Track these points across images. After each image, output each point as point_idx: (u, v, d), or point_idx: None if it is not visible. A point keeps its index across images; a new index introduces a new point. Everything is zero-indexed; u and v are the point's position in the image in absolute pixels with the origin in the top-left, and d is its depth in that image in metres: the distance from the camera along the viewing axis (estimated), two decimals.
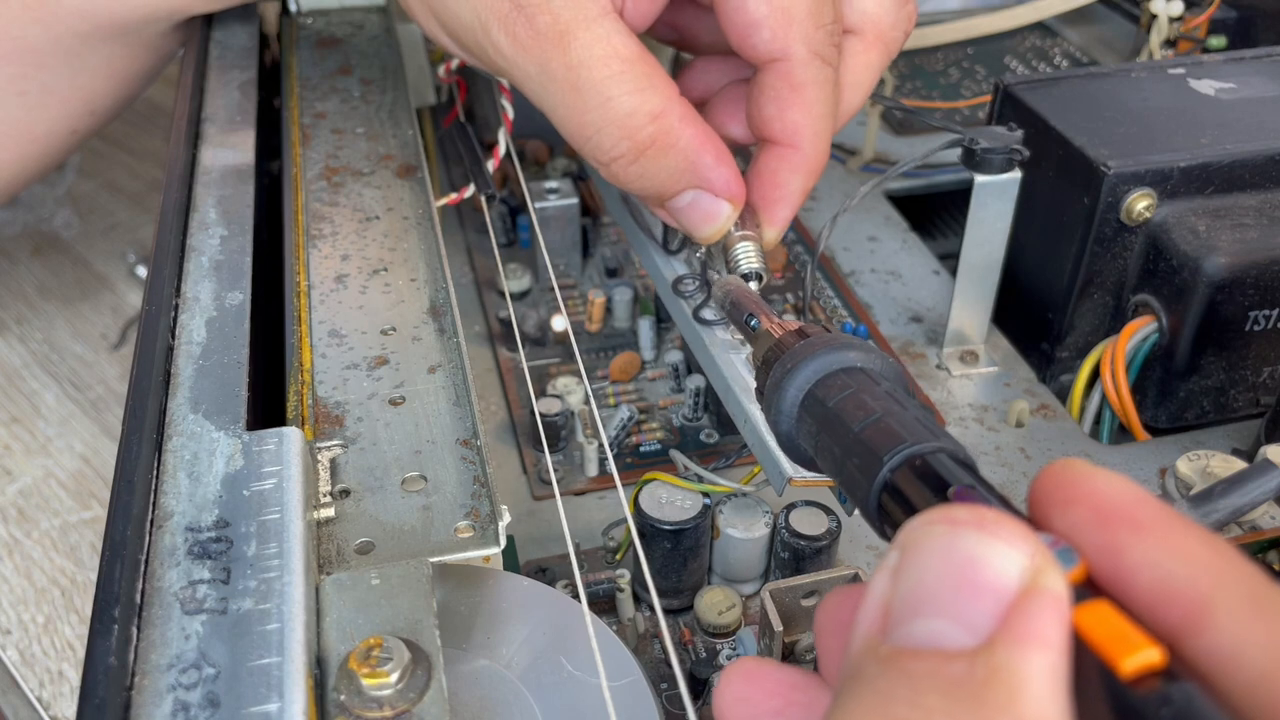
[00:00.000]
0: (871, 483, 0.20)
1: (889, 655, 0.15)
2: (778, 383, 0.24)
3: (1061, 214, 0.43)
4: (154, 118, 0.79)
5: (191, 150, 0.41)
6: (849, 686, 0.15)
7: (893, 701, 0.15)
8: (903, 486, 0.19)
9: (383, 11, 0.54)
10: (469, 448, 0.30)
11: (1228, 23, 0.61)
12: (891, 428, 0.20)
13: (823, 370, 0.23)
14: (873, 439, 0.20)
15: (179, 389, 0.30)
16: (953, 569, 0.15)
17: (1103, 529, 0.16)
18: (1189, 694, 0.14)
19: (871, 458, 0.20)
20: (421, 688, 0.23)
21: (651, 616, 0.37)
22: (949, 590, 0.15)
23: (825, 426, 0.22)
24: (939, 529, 0.16)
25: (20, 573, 0.47)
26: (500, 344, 0.49)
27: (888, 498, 0.19)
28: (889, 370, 0.23)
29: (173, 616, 0.23)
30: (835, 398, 0.22)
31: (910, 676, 0.15)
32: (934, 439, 0.19)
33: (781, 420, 0.24)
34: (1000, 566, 0.15)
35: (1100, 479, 0.17)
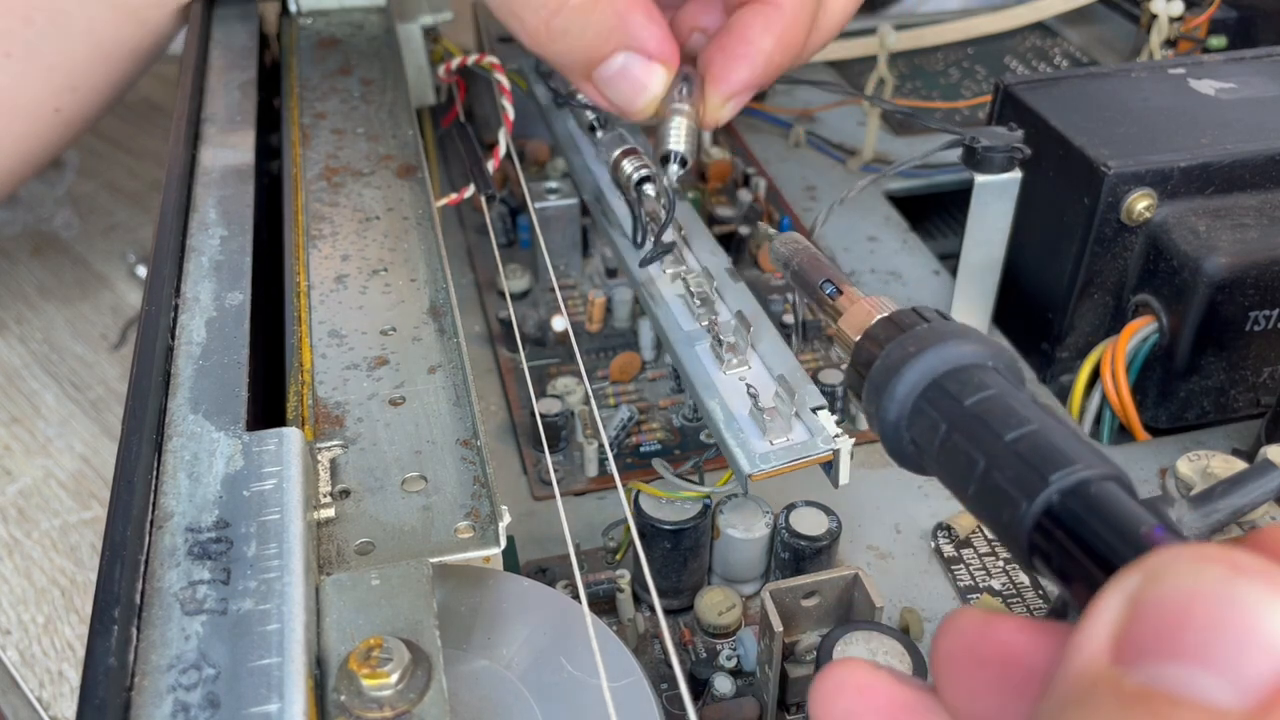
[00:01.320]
0: (1030, 502, 0.18)
1: (1137, 694, 0.14)
2: (895, 366, 0.21)
3: (1062, 214, 0.43)
4: (153, 118, 0.79)
5: (191, 150, 0.41)
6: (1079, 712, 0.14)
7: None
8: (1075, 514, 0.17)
9: (382, 12, 0.54)
10: (469, 448, 0.30)
11: (1228, 23, 0.61)
12: (1056, 444, 0.18)
13: (954, 361, 0.21)
14: (1032, 453, 0.18)
15: (179, 389, 0.30)
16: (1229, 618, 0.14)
17: None
18: None
19: (1031, 473, 0.18)
20: (422, 688, 0.23)
21: (652, 617, 0.37)
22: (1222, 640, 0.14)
23: (960, 427, 0.20)
24: (1216, 570, 0.14)
25: (20, 573, 0.47)
26: (500, 344, 0.49)
27: (1053, 522, 0.18)
28: (1018, 372, 0.21)
29: (173, 617, 0.23)
30: (974, 396, 0.20)
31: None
32: (1105, 465, 0.18)
33: (893, 408, 0.21)
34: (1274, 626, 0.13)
35: None
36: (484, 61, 0.47)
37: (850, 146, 0.61)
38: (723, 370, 0.34)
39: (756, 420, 0.32)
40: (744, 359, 0.34)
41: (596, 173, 0.45)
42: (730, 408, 0.33)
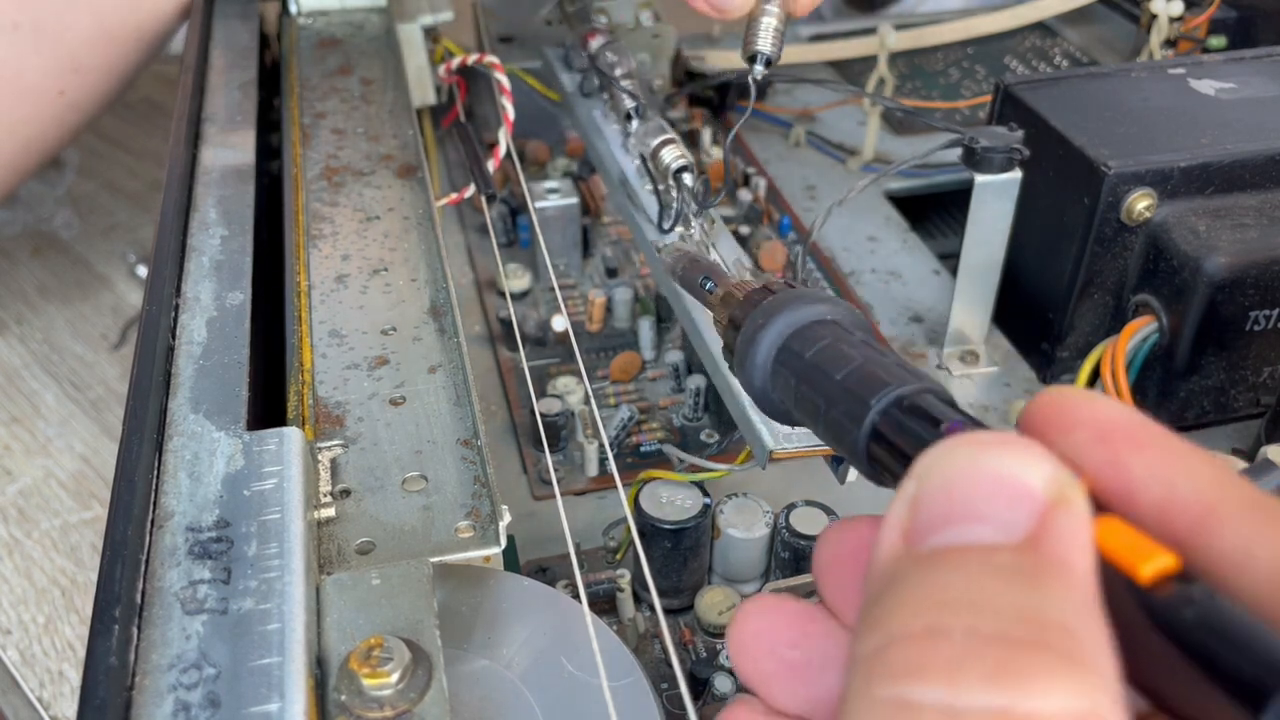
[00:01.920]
0: (860, 427, 0.20)
1: (928, 554, 0.16)
2: (750, 338, 0.24)
3: (1062, 214, 0.43)
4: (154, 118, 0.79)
5: (192, 150, 0.41)
6: (889, 586, 0.16)
7: (943, 590, 0.15)
8: (892, 428, 0.20)
9: (383, 11, 0.54)
10: (469, 448, 0.30)
11: (1228, 23, 0.61)
12: (875, 373, 0.21)
13: (796, 323, 0.24)
14: (857, 385, 0.21)
15: (179, 389, 0.30)
16: (983, 481, 0.16)
17: (1106, 448, 0.17)
18: (1208, 593, 0.15)
19: (858, 403, 0.20)
20: (422, 688, 0.23)
21: (652, 616, 0.37)
22: (982, 499, 0.16)
23: (804, 379, 0.22)
24: (963, 449, 0.16)
25: (20, 573, 0.47)
26: (500, 344, 0.49)
27: (877, 440, 0.20)
28: (858, 321, 0.24)
29: (173, 616, 0.23)
30: (812, 349, 0.23)
31: (956, 566, 0.15)
32: (918, 380, 0.20)
33: (755, 376, 0.24)
34: (1029, 478, 0.16)
35: (1099, 403, 0.18)
36: (484, 61, 0.47)
37: (850, 146, 0.61)
38: None
39: None
40: None
41: (622, 160, 0.45)
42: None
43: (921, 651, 0.15)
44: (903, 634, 0.15)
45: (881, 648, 0.15)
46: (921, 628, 0.15)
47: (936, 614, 0.15)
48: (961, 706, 0.14)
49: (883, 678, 0.15)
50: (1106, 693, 0.14)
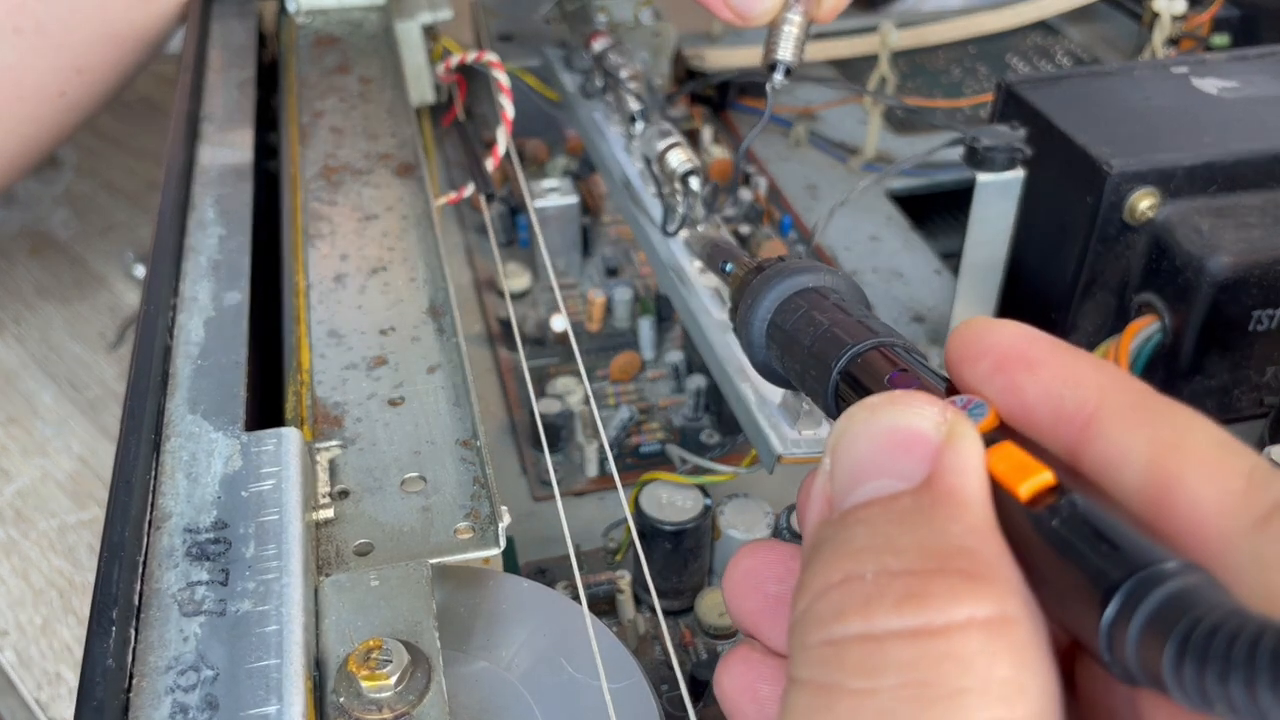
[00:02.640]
0: (825, 390, 0.21)
1: (841, 516, 0.17)
2: (744, 319, 0.25)
3: (1064, 213, 0.43)
4: (152, 117, 0.79)
5: (190, 149, 0.41)
6: (813, 554, 0.17)
7: (854, 543, 0.17)
8: (849, 385, 0.21)
9: (381, 10, 0.53)
10: (469, 448, 0.30)
11: (1231, 21, 0.61)
12: (836, 334, 0.21)
13: (779, 297, 0.24)
14: (822, 350, 0.21)
15: (177, 389, 0.30)
16: (879, 440, 0.17)
17: (1002, 374, 0.18)
18: (1073, 501, 0.16)
19: (823, 368, 0.21)
20: (421, 690, 0.23)
21: (652, 618, 0.37)
22: (879, 455, 0.17)
23: (787, 350, 0.23)
24: (858, 414, 0.18)
25: (18, 574, 0.47)
26: (500, 344, 0.49)
27: (840, 400, 0.21)
28: (839, 283, 0.24)
29: (171, 618, 0.23)
30: (791, 320, 0.23)
31: (865, 520, 0.17)
32: (872, 335, 0.21)
33: (755, 352, 0.25)
34: (919, 427, 0.17)
35: (996, 329, 0.19)
36: (483, 59, 0.47)
37: (852, 145, 0.61)
38: None
39: (790, 410, 0.32)
40: None
41: (624, 162, 0.45)
42: (763, 393, 0.33)
43: (840, 596, 0.16)
44: (824, 587, 0.16)
45: (809, 605, 0.17)
46: (838, 578, 0.16)
47: (850, 564, 0.16)
48: (880, 632, 0.15)
49: (811, 627, 0.16)
50: (1013, 597, 0.15)
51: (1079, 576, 0.15)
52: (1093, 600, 0.15)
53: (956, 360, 0.19)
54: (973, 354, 0.19)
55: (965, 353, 0.19)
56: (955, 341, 0.19)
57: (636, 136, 0.43)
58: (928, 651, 0.15)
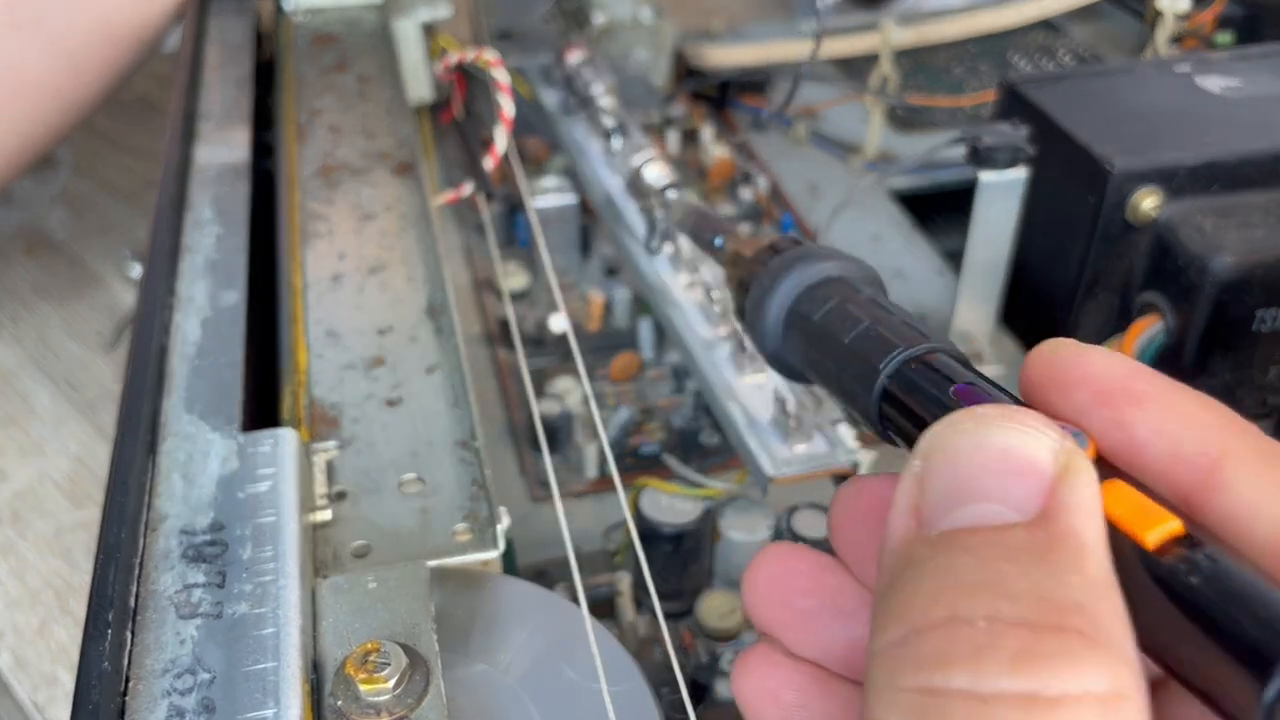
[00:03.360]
0: (870, 393, 0.20)
1: (942, 538, 0.16)
2: (758, 303, 0.23)
3: (1067, 212, 0.43)
4: (149, 116, 0.79)
5: (186, 148, 0.41)
6: (905, 572, 0.16)
7: (959, 570, 0.15)
8: (902, 391, 0.19)
9: (379, 8, 0.53)
10: (467, 449, 0.29)
11: (1234, 19, 0.61)
12: (882, 334, 0.20)
13: (802, 284, 0.23)
14: (865, 349, 0.20)
15: (173, 390, 0.30)
16: (990, 459, 0.16)
17: (1106, 407, 0.17)
18: (1213, 556, 0.14)
19: (866, 367, 0.20)
20: (419, 693, 0.22)
21: (652, 620, 0.36)
22: (990, 477, 0.16)
23: (814, 343, 0.22)
24: (967, 425, 0.16)
25: (14, 575, 0.47)
26: (499, 344, 0.48)
27: (889, 404, 0.20)
28: (867, 275, 0.23)
29: (167, 620, 0.23)
30: (819, 311, 0.22)
31: (971, 550, 0.15)
32: (925, 340, 0.20)
33: (767, 341, 0.24)
34: (1035, 453, 0.16)
35: (1094, 359, 0.17)
36: (482, 58, 0.47)
37: (853, 144, 0.61)
38: (741, 377, 0.34)
39: (779, 426, 0.32)
40: (762, 367, 0.34)
41: (606, 178, 0.45)
42: (751, 412, 0.33)
43: (945, 640, 0.15)
44: (924, 624, 0.15)
45: (904, 639, 0.15)
46: (942, 616, 0.15)
47: (956, 601, 0.15)
48: (988, 693, 0.14)
49: (908, 668, 0.15)
50: (1128, 669, 0.14)
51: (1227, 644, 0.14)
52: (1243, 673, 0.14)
53: (1041, 383, 0.18)
54: (1064, 380, 0.17)
55: (1054, 378, 0.18)
56: (1039, 364, 0.18)
57: (615, 152, 0.43)
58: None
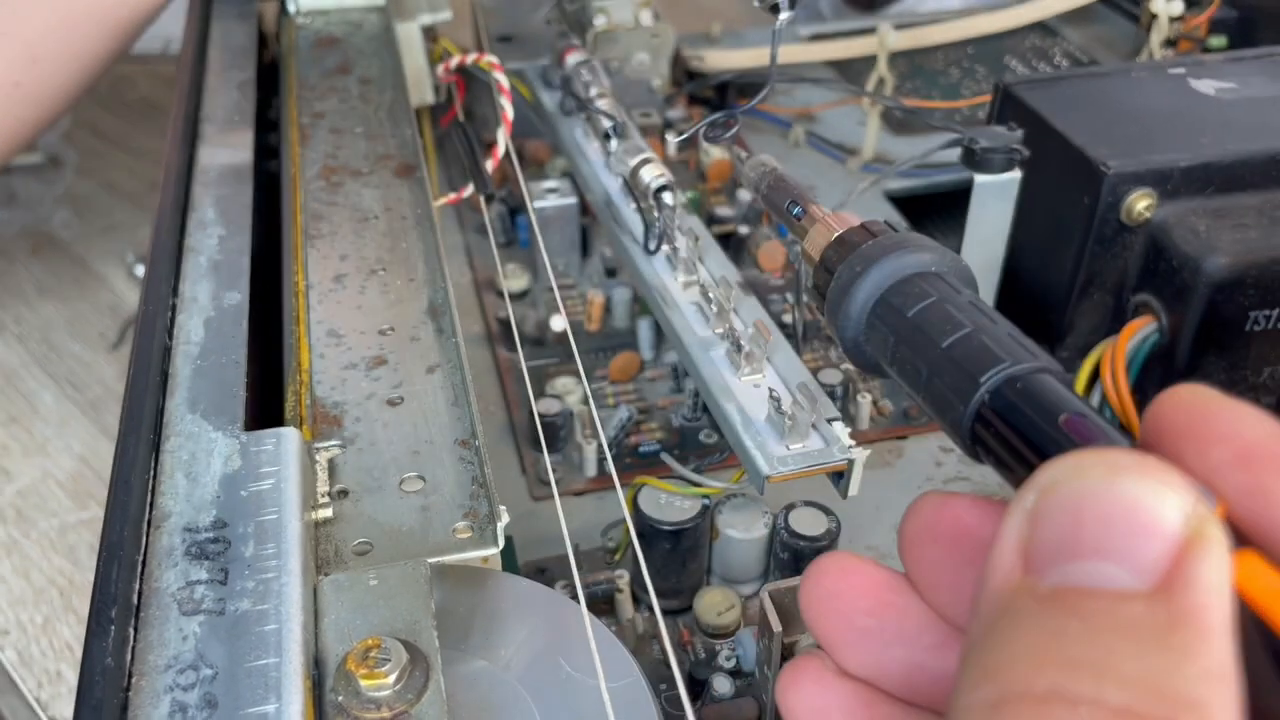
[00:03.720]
0: (965, 405, 0.18)
1: (1052, 595, 0.15)
2: (845, 287, 0.22)
3: (1062, 214, 0.43)
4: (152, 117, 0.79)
5: (190, 150, 0.41)
6: (1004, 623, 0.15)
7: (1067, 638, 0.14)
8: (1003, 412, 0.18)
9: (381, 11, 0.53)
10: (467, 448, 0.30)
11: (1228, 22, 0.61)
12: (986, 345, 0.19)
13: (898, 274, 0.21)
14: (964, 357, 0.19)
15: (177, 389, 0.30)
16: (1116, 513, 0.15)
17: (1249, 473, 0.16)
18: None
19: (964, 378, 0.19)
20: (419, 689, 0.23)
21: (650, 617, 0.37)
22: (1114, 534, 0.15)
23: (905, 339, 0.20)
24: (1097, 471, 0.15)
25: (18, 573, 0.47)
26: (499, 344, 0.49)
27: (985, 423, 0.18)
28: (964, 275, 0.22)
29: (170, 617, 0.23)
30: (915, 307, 0.20)
31: (1083, 616, 0.14)
32: (1033, 359, 0.18)
33: (849, 326, 0.22)
34: (1166, 513, 0.14)
35: (1242, 415, 0.16)
36: (483, 61, 0.47)
37: (850, 146, 0.61)
38: (738, 377, 0.35)
39: (775, 425, 0.33)
40: (759, 367, 0.35)
41: (606, 180, 0.45)
42: (748, 412, 0.33)
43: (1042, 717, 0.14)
44: (1023, 692, 0.14)
45: (999, 701, 0.14)
46: (1044, 689, 0.14)
47: (1060, 675, 0.14)
48: None
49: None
50: None
51: None
52: None
53: (1170, 431, 0.16)
54: (1203, 435, 0.16)
55: (1190, 431, 0.16)
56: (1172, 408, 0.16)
57: (612, 154, 0.43)
58: None
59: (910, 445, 0.44)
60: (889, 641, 0.19)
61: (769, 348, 0.35)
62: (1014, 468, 0.18)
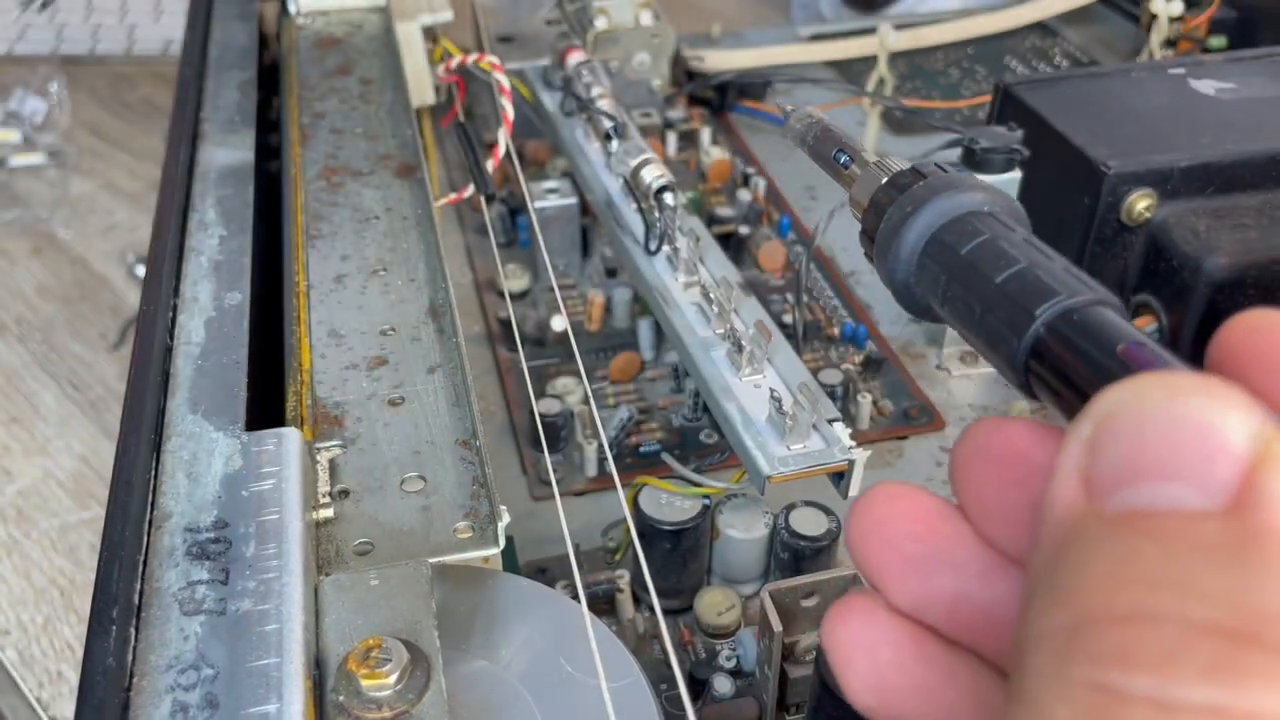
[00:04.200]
0: (1020, 338, 0.18)
1: (1121, 518, 0.14)
2: (895, 228, 0.22)
3: (1062, 214, 0.43)
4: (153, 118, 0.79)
5: (191, 150, 0.41)
6: (1074, 549, 0.15)
7: (1143, 559, 0.14)
8: (1059, 343, 0.18)
9: (381, 11, 0.53)
10: (468, 448, 0.30)
11: (1228, 23, 0.61)
12: (1041, 279, 0.19)
13: (950, 213, 0.21)
14: (1019, 291, 0.19)
15: (178, 389, 0.30)
16: (1182, 434, 0.14)
17: None
18: None
19: (1019, 312, 0.18)
20: (420, 689, 0.23)
21: (651, 617, 0.37)
22: (1181, 454, 0.14)
23: (957, 276, 0.20)
24: (1157, 391, 0.15)
25: (19, 573, 0.47)
26: (500, 344, 0.49)
27: (1040, 356, 0.18)
28: (1018, 215, 0.21)
29: (171, 617, 0.23)
30: (968, 244, 0.20)
31: (1157, 537, 0.14)
32: (1090, 291, 0.18)
33: (899, 268, 0.22)
34: (1232, 432, 0.14)
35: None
36: (483, 61, 0.47)
37: None
38: (738, 377, 0.35)
39: (775, 425, 0.33)
40: (759, 367, 0.35)
41: (606, 180, 0.45)
42: (748, 412, 0.33)
43: (1128, 638, 0.14)
44: (1103, 614, 0.14)
45: (1077, 626, 0.14)
46: (1125, 610, 0.14)
47: (1140, 595, 0.14)
48: (1175, 701, 0.13)
49: (1082, 661, 0.14)
50: None
51: None
52: None
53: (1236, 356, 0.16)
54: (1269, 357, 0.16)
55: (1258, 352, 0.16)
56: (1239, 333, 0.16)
57: (613, 154, 0.44)
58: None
59: (910, 445, 0.44)
60: (936, 569, 0.19)
61: (769, 348, 0.35)
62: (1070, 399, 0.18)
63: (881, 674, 0.19)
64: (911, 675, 0.18)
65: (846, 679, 0.19)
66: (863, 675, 0.19)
